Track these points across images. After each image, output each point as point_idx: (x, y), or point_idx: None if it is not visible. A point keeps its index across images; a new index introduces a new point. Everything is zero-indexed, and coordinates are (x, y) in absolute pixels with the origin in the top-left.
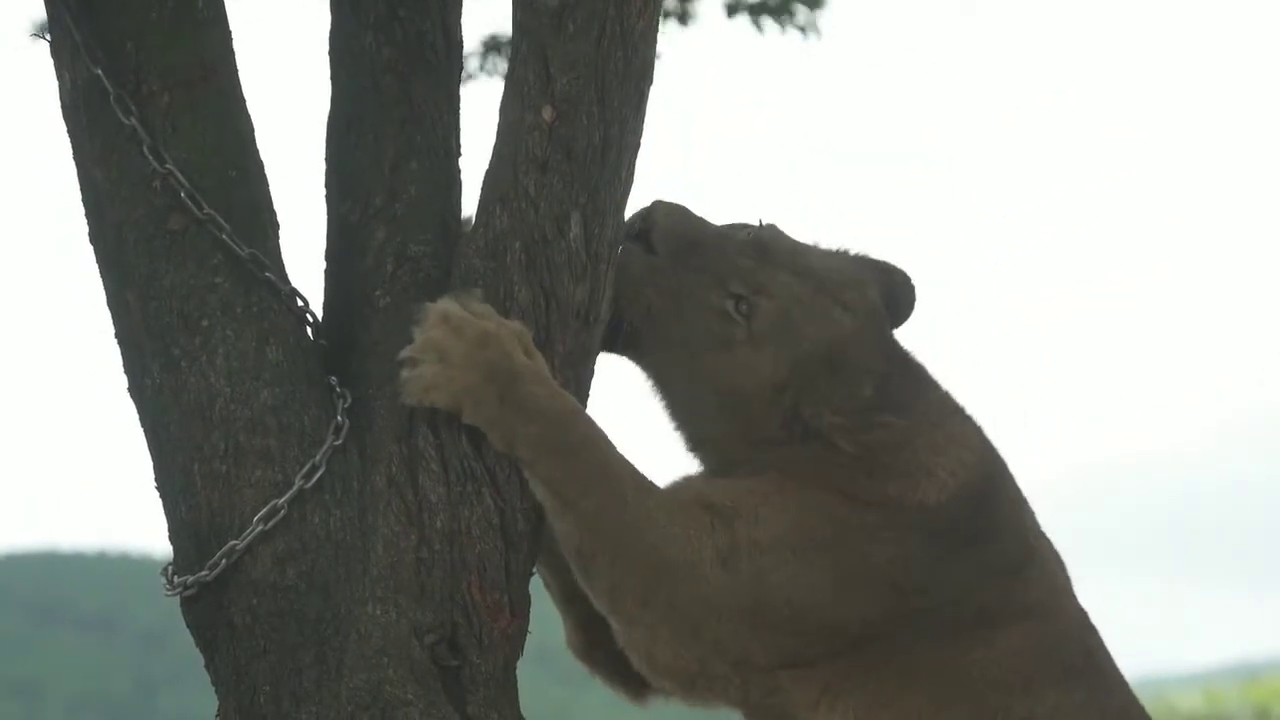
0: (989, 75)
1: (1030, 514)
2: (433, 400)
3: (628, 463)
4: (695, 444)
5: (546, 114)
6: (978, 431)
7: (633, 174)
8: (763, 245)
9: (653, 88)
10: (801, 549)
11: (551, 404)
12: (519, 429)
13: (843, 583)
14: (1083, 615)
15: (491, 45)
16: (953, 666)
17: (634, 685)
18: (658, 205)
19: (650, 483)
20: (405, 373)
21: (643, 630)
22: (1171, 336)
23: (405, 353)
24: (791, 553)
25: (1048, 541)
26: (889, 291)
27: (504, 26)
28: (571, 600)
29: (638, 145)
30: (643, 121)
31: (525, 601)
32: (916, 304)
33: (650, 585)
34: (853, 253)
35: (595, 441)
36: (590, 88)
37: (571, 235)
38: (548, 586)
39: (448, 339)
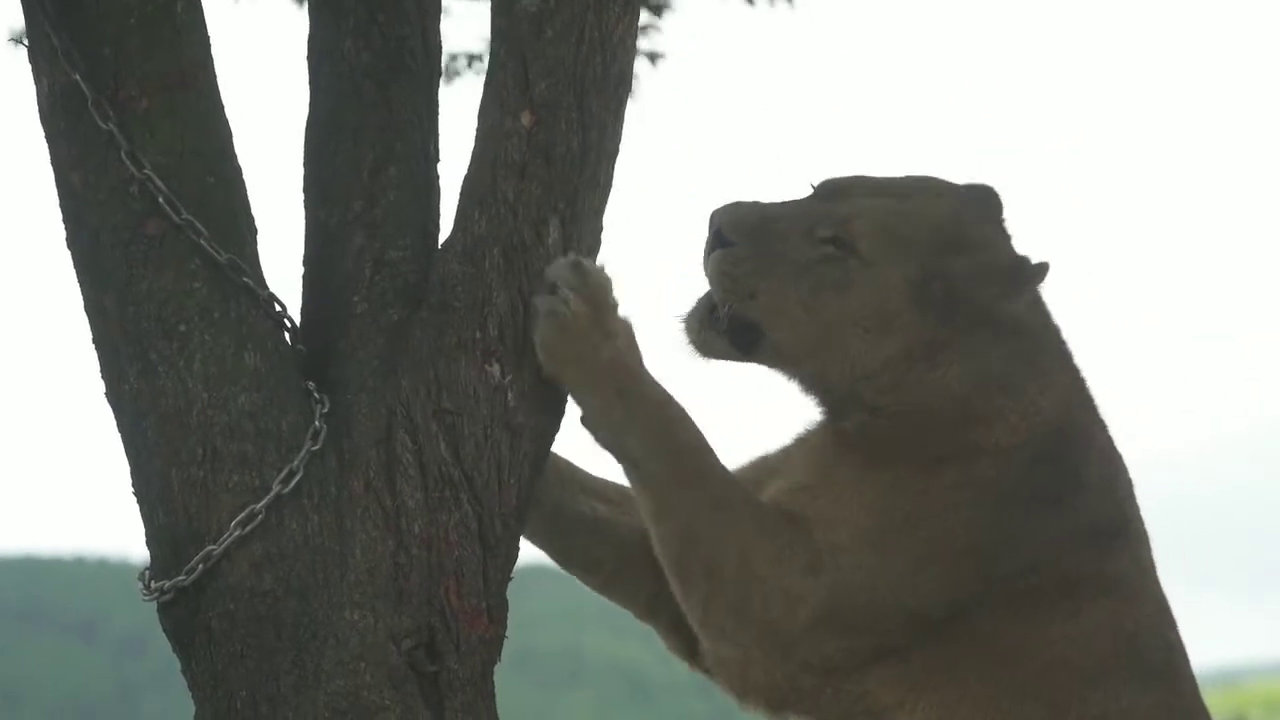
0: (990, 63)
1: (1126, 480)
2: (565, 376)
3: (725, 469)
4: (845, 397)
5: (525, 119)
6: (1068, 379)
7: (611, 180)
8: (828, 189)
9: (664, 87)
10: (880, 539)
11: (663, 411)
12: (630, 426)
13: (924, 561)
14: (1163, 602)
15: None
16: (1033, 644)
17: None
18: (714, 210)
19: (744, 491)
20: (546, 332)
21: (735, 649)
22: (1162, 345)
23: (549, 308)
24: (870, 547)
25: (1139, 513)
26: (974, 207)
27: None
28: (655, 612)
29: (617, 151)
30: (621, 127)
31: (503, 606)
32: (1004, 211)
33: (743, 597)
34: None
35: (700, 446)
36: (569, 93)
37: (550, 241)
38: (631, 609)
39: (588, 321)
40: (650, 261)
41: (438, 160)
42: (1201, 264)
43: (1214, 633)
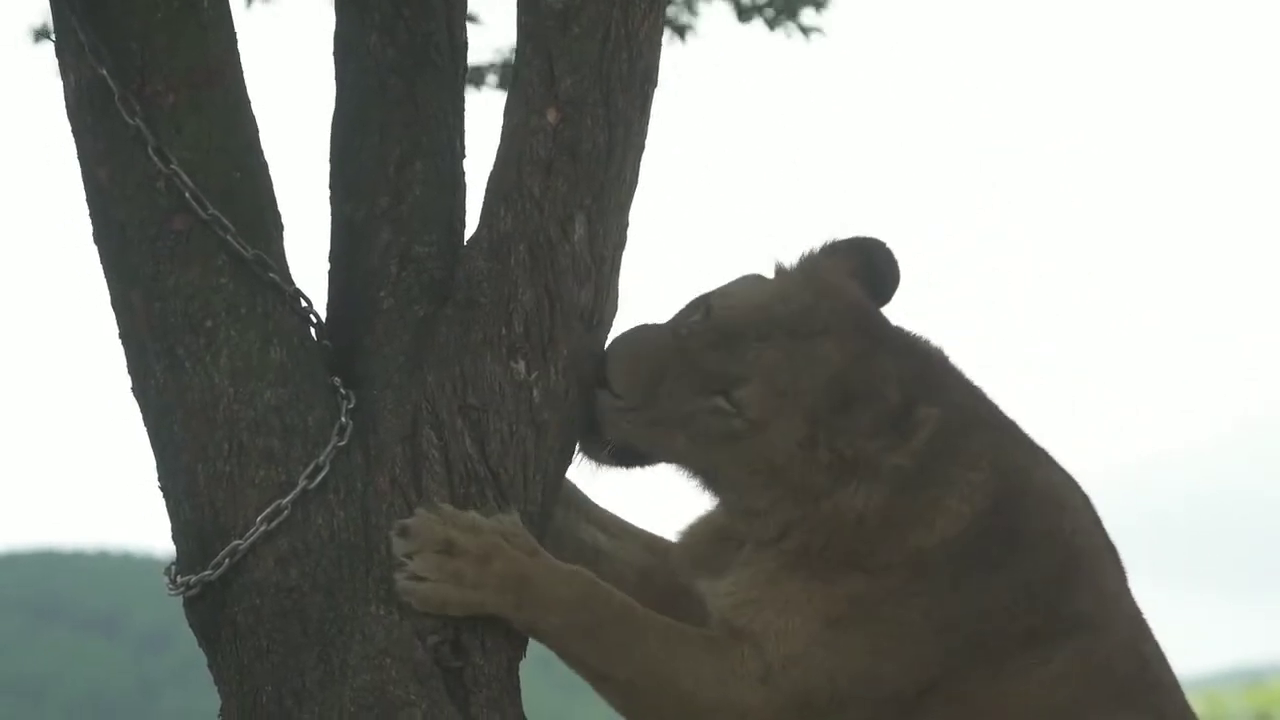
0: (990, 63)
1: (1073, 513)
2: (450, 612)
3: (648, 616)
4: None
5: (551, 116)
6: (990, 439)
7: (637, 176)
8: (719, 328)
9: (675, 98)
10: (834, 640)
11: (568, 591)
12: (540, 622)
13: (883, 655)
14: (1136, 619)
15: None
16: (1009, 698)
17: None
18: (608, 350)
19: (674, 628)
20: (410, 583)
21: None
22: (1170, 341)
23: (412, 570)
24: (824, 647)
25: (1098, 538)
26: (869, 269)
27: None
28: None
29: (642, 147)
30: (647, 124)
31: None
32: (900, 271)
33: None
34: (822, 244)
35: (616, 613)
36: (595, 89)
37: (576, 237)
38: None
39: (453, 561)
40: (673, 256)
41: (464, 156)
42: (1201, 264)
43: (1237, 631)
